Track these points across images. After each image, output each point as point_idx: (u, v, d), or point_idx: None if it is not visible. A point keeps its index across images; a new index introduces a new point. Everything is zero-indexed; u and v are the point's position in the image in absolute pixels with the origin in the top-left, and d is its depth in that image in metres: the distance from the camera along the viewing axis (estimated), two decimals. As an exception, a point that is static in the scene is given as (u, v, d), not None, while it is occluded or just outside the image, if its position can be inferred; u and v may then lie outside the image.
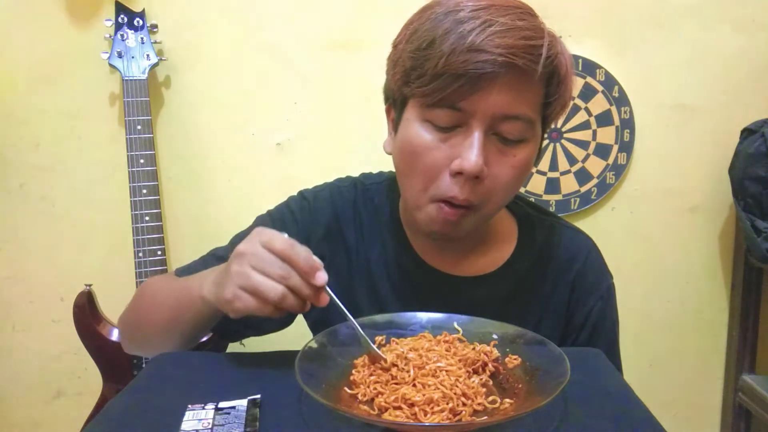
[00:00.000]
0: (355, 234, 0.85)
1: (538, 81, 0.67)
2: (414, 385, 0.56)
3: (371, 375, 0.59)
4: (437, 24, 0.66)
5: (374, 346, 0.62)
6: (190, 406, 0.57)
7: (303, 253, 0.60)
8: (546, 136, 0.77)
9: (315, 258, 0.61)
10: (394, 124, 0.76)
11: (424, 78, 0.66)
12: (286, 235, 0.62)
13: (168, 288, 0.81)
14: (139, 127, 1.34)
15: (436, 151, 0.68)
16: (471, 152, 0.66)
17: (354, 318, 0.64)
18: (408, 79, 0.69)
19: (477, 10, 0.64)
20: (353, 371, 0.61)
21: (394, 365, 0.59)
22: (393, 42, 0.73)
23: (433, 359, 0.59)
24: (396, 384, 0.57)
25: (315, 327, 0.89)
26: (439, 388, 0.55)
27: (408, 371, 0.58)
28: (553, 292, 0.83)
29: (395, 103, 0.75)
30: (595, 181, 1.53)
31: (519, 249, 0.84)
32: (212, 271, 0.71)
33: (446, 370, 0.57)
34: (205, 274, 0.73)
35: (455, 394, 0.54)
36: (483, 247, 0.83)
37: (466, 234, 0.74)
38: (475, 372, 0.60)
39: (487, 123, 0.67)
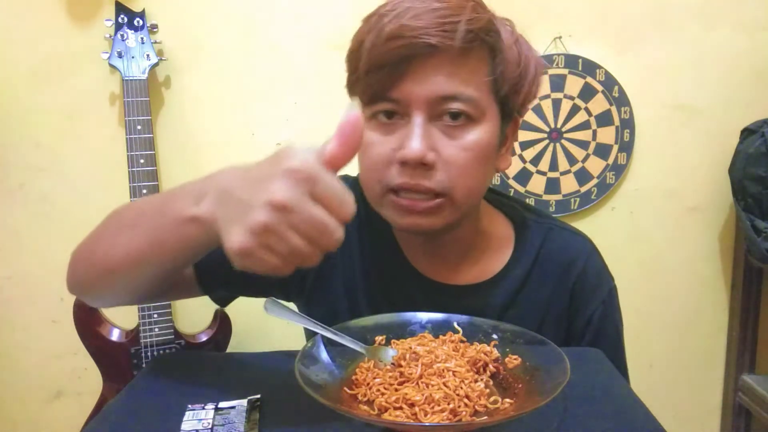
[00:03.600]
0: (359, 240, 0.83)
1: (473, 59, 0.66)
2: (418, 384, 0.56)
3: (375, 378, 0.59)
4: (364, 25, 0.68)
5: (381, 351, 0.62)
6: (190, 406, 0.57)
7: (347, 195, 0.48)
8: (546, 136, 0.76)
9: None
10: None
11: (358, 78, 0.68)
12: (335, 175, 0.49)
13: (142, 207, 0.66)
14: (139, 127, 1.34)
15: (381, 145, 0.68)
16: (412, 139, 0.65)
17: (353, 318, 0.64)
18: (349, 84, 0.72)
19: (398, 3, 0.66)
20: (356, 370, 0.61)
21: (402, 361, 0.59)
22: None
23: (441, 358, 0.59)
24: (401, 382, 0.57)
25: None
26: (441, 389, 0.55)
27: (416, 366, 0.58)
28: (553, 297, 0.81)
29: None
30: (595, 181, 1.53)
31: (516, 255, 0.81)
32: (208, 183, 0.54)
33: (453, 371, 0.57)
34: (197, 185, 0.55)
35: (458, 395, 0.54)
36: (478, 254, 0.81)
37: (447, 227, 0.71)
38: (476, 372, 0.60)
39: (426, 109, 0.66)
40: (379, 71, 0.65)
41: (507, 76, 0.69)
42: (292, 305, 0.86)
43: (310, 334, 0.84)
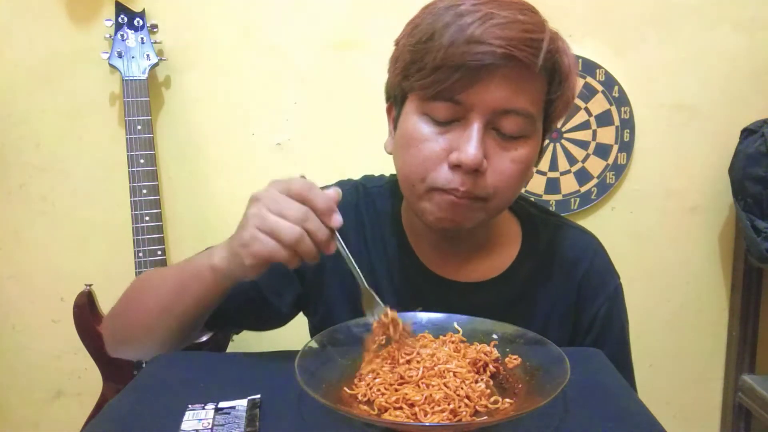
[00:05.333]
0: (358, 238, 0.83)
1: (539, 76, 0.67)
2: (418, 385, 0.56)
3: (375, 378, 0.59)
4: (437, 18, 0.66)
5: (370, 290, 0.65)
6: (190, 406, 0.57)
7: (320, 194, 0.62)
8: (547, 136, 0.76)
9: (331, 199, 0.63)
10: (395, 121, 0.76)
11: (424, 71, 0.66)
12: (304, 177, 0.63)
13: (165, 271, 0.80)
14: (139, 127, 1.34)
15: (434, 143, 0.68)
16: (469, 145, 0.65)
17: (353, 318, 0.64)
18: (407, 73, 0.69)
19: (478, 4, 0.65)
20: (362, 365, 0.61)
21: (406, 362, 0.59)
22: (395, 40, 0.73)
23: (443, 359, 0.59)
24: (401, 383, 0.57)
25: (316, 330, 0.88)
26: (442, 389, 0.55)
27: (417, 369, 0.58)
28: (559, 294, 0.81)
29: (396, 99, 0.75)
30: (595, 181, 1.53)
31: (523, 251, 0.82)
32: (221, 244, 0.70)
33: (454, 372, 0.57)
34: (212, 248, 0.71)
35: (458, 395, 0.54)
36: (486, 251, 0.82)
37: (473, 227, 0.72)
38: (476, 372, 0.60)
39: (487, 116, 0.66)
40: (453, 71, 0.64)
41: (562, 99, 0.70)
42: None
43: (311, 334, 0.84)
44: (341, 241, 0.64)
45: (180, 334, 0.75)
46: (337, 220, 0.62)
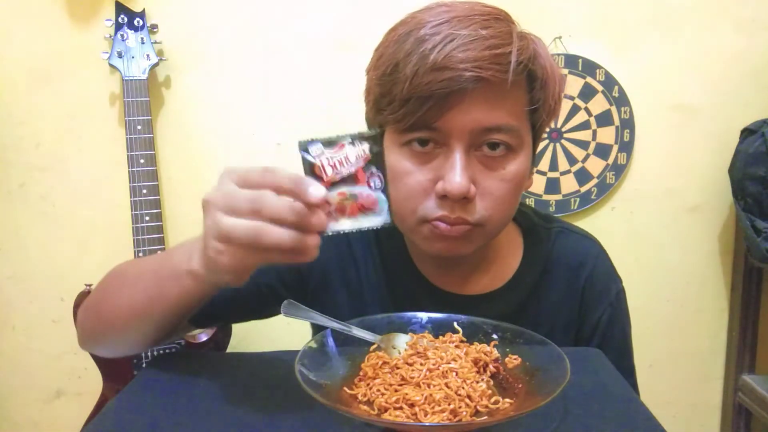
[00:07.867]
0: (364, 251, 0.82)
1: (516, 88, 0.64)
2: (419, 385, 0.56)
3: (375, 378, 0.59)
4: (400, 46, 0.64)
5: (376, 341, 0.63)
6: None
7: (281, 173, 0.50)
8: (546, 136, 0.75)
9: (298, 178, 0.50)
10: None
11: (394, 104, 0.64)
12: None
13: (143, 265, 0.71)
14: (139, 127, 1.34)
15: (418, 175, 0.66)
16: (453, 173, 0.63)
17: (352, 319, 0.65)
18: (379, 106, 0.67)
19: (438, 25, 0.62)
20: (361, 366, 0.61)
21: (409, 363, 0.59)
22: (366, 69, 0.72)
23: (446, 359, 0.59)
24: (402, 383, 0.57)
25: (319, 330, 0.87)
26: (443, 389, 0.55)
27: (420, 370, 0.58)
28: (563, 302, 0.81)
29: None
30: (595, 181, 1.53)
31: (525, 262, 0.81)
32: (197, 245, 0.60)
33: (457, 371, 0.57)
34: (191, 247, 0.60)
35: (458, 395, 0.54)
36: (488, 263, 0.81)
37: (475, 251, 0.71)
38: (477, 372, 0.60)
39: (467, 139, 0.64)
40: (423, 101, 0.62)
41: (546, 104, 0.68)
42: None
43: (314, 332, 0.83)
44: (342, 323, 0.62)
45: (153, 337, 0.69)
46: (315, 193, 0.48)
